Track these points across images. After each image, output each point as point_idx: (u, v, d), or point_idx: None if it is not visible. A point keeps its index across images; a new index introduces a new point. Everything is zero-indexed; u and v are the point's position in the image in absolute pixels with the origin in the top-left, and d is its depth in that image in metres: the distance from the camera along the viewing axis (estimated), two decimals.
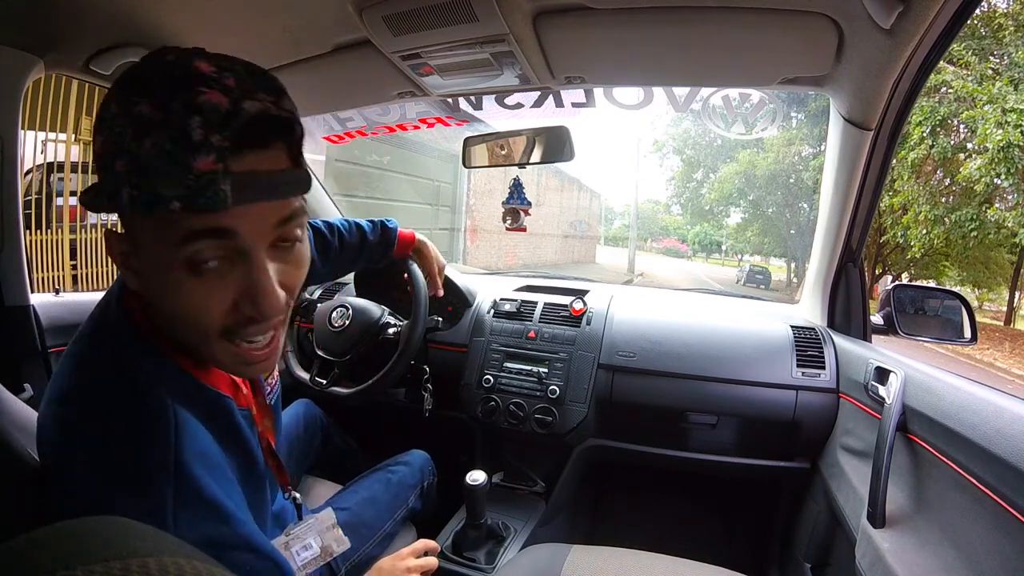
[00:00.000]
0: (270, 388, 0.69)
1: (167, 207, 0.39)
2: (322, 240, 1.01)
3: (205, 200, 0.39)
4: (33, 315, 0.93)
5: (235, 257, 0.44)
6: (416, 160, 7.54)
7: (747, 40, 0.77)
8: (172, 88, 0.40)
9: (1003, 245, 9.07)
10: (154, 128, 0.39)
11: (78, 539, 0.21)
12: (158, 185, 0.39)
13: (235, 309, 0.45)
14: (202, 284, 0.43)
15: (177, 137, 0.39)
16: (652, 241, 21.67)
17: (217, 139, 0.39)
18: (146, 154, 0.39)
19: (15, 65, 0.82)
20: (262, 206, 0.43)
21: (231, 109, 0.40)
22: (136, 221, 0.44)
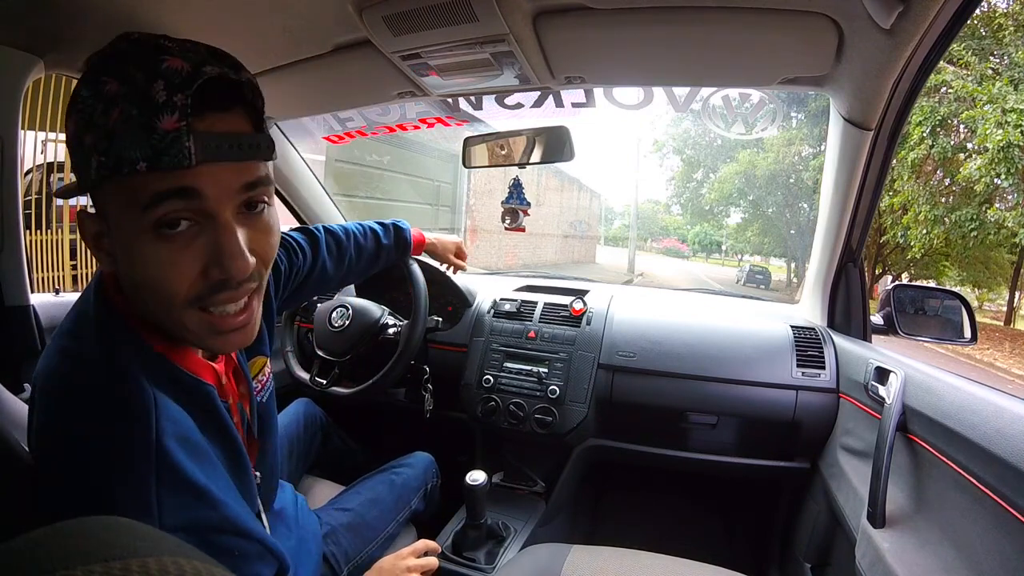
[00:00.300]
0: (260, 385, 0.68)
1: (134, 168, 0.41)
2: (337, 246, 0.99)
3: (170, 158, 0.41)
4: (33, 315, 0.93)
5: (202, 220, 0.45)
6: (416, 160, 7.54)
7: (747, 40, 0.77)
8: (136, 62, 0.42)
9: (1003, 245, 9.07)
10: (120, 98, 0.41)
11: (78, 539, 0.21)
12: (124, 148, 0.41)
13: (204, 275, 0.46)
14: (170, 249, 0.44)
15: (141, 101, 0.41)
16: (652, 241, 21.67)
17: (179, 98, 0.41)
18: (113, 123, 0.41)
19: (15, 65, 0.82)
20: (226, 168, 0.45)
21: (191, 71, 0.42)
22: (105, 194, 0.45)
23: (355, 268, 1.04)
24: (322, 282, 0.97)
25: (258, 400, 0.66)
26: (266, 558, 0.51)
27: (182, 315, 0.47)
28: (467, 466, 1.05)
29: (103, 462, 0.43)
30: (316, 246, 0.94)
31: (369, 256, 1.07)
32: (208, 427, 0.52)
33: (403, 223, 1.15)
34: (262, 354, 0.70)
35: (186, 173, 0.42)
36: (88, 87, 0.43)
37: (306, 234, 0.93)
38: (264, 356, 0.70)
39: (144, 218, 0.43)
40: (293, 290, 0.90)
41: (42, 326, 0.95)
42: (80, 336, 0.49)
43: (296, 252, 0.89)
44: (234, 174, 0.45)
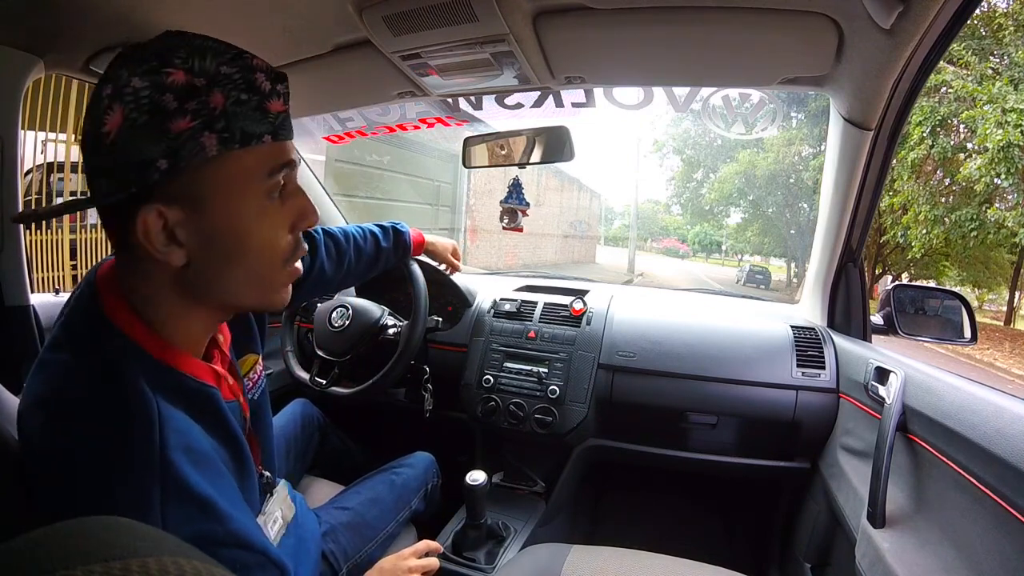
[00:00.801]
0: (252, 383, 0.68)
1: (260, 140, 0.48)
2: (336, 248, 0.99)
3: (285, 133, 0.51)
4: (33, 315, 0.93)
5: (289, 186, 0.54)
6: (416, 160, 7.54)
7: (747, 40, 0.77)
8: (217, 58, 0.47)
9: (1003, 245, 9.06)
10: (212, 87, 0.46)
11: (78, 539, 0.21)
12: (247, 125, 0.48)
13: (292, 230, 0.54)
14: (275, 210, 0.52)
15: (249, 88, 0.48)
16: (652, 241, 21.66)
17: (281, 87, 0.50)
18: (220, 105, 0.46)
19: (15, 65, 0.82)
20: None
21: (277, 71, 0.51)
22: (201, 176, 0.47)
23: (354, 271, 1.04)
24: (320, 284, 0.97)
25: (250, 397, 0.66)
26: (268, 568, 0.51)
27: (279, 274, 0.54)
28: (467, 466, 1.05)
29: (107, 477, 0.42)
30: (314, 248, 0.94)
31: (368, 259, 1.07)
32: (213, 430, 0.52)
33: (402, 225, 1.14)
34: (253, 352, 0.71)
35: (290, 146, 0.52)
36: (144, 78, 0.44)
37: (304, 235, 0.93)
38: (255, 354, 0.71)
39: (262, 184, 0.50)
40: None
41: (42, 326, 0.95)
42: (76, 347, 0.48)
43: None
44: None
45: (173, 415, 0.47)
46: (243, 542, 0.48)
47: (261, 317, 0.76)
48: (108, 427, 0.44)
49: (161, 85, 0.44)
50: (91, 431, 0.44)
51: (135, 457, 0.43)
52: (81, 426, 0.44)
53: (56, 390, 0.46)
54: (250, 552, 0.49)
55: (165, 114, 0.44)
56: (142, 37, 0.85)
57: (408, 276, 1.20)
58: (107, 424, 0.44)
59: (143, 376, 0.47)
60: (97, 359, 0.47)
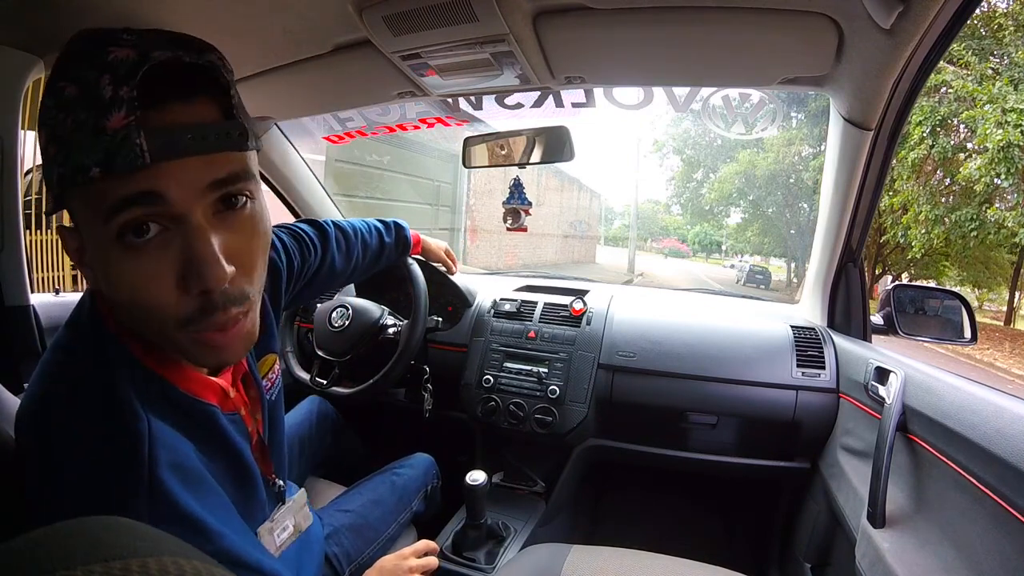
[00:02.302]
0: (270, 383, 0.67)
1: (87, 175, 0.38)
2: (346, 241, 0.98)
3: (122, 159, 0.37)
4: (33, 315, 0.93)
5: (172, 226, 0.41)
6: (416, 160, 7.54)
7: (747, 40, 0.77)
8: (88, 59, 0.39)
9: (1003, 245, 9.05)
10: (73, 103, 0.38)
11: (78, 539, 0.21)
12: (79, 155, 0.38)
13: (183, 288, 0.42)
14: (140, 261, 0.40)
15: (89, 102, 0.38)
16: (652, 241, 21.65)
17: (125, 91, 0.38)
18: (68, 130, 0.38)
19: (15, 65, 0.81)
20: (191, 164, 0.40)
21: (138, 59, 0.38)
22: (73, 206, 0.42)
23: (360, 265, 1.03)
24: (330, 278, 0.96)
25: (268, 399, 0.64)
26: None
27: (176, 336, 0.44)
28: (467, 466, 1.05)
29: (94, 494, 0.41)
30: (326, 240, 0.92)
31: (373, 253, 1.06)
32: (210, 447, 0.50)
33: (402, 222, 1.14)
34: (271, 351, 0.68)
35: (143, 175, 0.38)
36: (50, 96, 0.40)
37: (315, 227, 0.92)
38: (273, 353, 0.69)
39: (108, 228, 0.39)
40: (301, 288, 0.89)
41: (42, 326, 0.95)
42: (74, 355, 0.47)
43: (308, 246, 0.87)
44: (201, 170, 0.41)
45: (163, 431, 0.44)
46: (236, 560, 0.46)
47: (277, 313, 0.73)
48: (96, 441, 0.42)
49: (60, 102, 0.39)
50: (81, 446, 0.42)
51: (123, 479, 0.41)
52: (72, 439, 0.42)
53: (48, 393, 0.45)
54: (245, 570, 0.47)
55: (51, 136, 0.40)
56: None
57: (408, 276, 1.20)
58: (95, 438, 0.42)
59: (134, 388, 0.44)
60: (90, 365, 0.45)
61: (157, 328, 0.43)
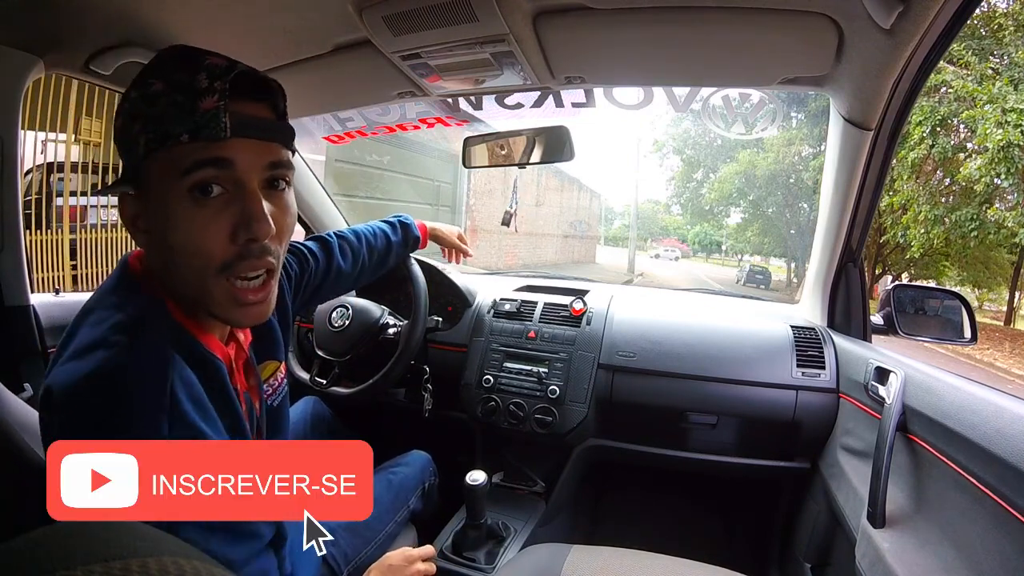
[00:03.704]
0: (272, 389, 0.68)
1: (177, 139, 0.48)
2: (351, 249, 0.99)
3: (209, 131, 0.48)
4: (33, 315, 0.93)
5: (232, 189, 0.51)
6: (416, 160, 7.54)
7: (747, 40, 0.77)
8: (182, 65, 0.50)
9: (1003, 245, 9.05)
10: (163, 93, 0.49)
11: (78, 539, 0.21)
12: (170, 125, 0.48)
13: (233, 240, 0.51)
14: (204, 212, 0.50)
15: (186, 90, 0.48)
16: (652, 241, 21.65)
17: (219, 84, 0.49)
18: (160, 110, 0.49)
19: (15, 65, 0.82)
20: (254, 144, 0.51)
21: (228, 65, 0.50)
22: (149, 167, 0.50)
23: (367, 269, 1.05)
24: (337, 285, 0.98)
25: (269, 403, 0.66)
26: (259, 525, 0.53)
27: (212, 283, 0.51)
28: (467, 466, 1.05)
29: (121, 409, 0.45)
30: (329, 251, 0.94)
31: (380, 256, 1.07)
32: (217, 400, 0.54)
33: (407, 218, 1.15)
34: (275, 359, 0.70)
35: (222, 145, 0.49)
36: (137, 89, 0.51)
37: (318, 241, 0.95)
38: (277, 361, 0.70)
39: (183, 183, 0.49)
40: (308, 296, 0.92)
41: (42, 326, 0.95)
42: (108, 305, 0.52)
43: (307, 258, 0.90)
44: (261, 152, 0.52)
45: (184, 369, 0.50)
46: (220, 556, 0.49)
47: (284, 323, 0.75)
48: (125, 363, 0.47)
49: (146, 95, 0.50)
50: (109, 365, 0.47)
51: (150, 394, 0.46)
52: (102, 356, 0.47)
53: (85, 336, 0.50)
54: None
55: (135, 116, 0.50)
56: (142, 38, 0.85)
57: (408, 276, 1.20)
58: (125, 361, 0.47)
59: (165, 331, 0.52)
60: (123, 313, 0.51)
61: (198, 274, 0.51)
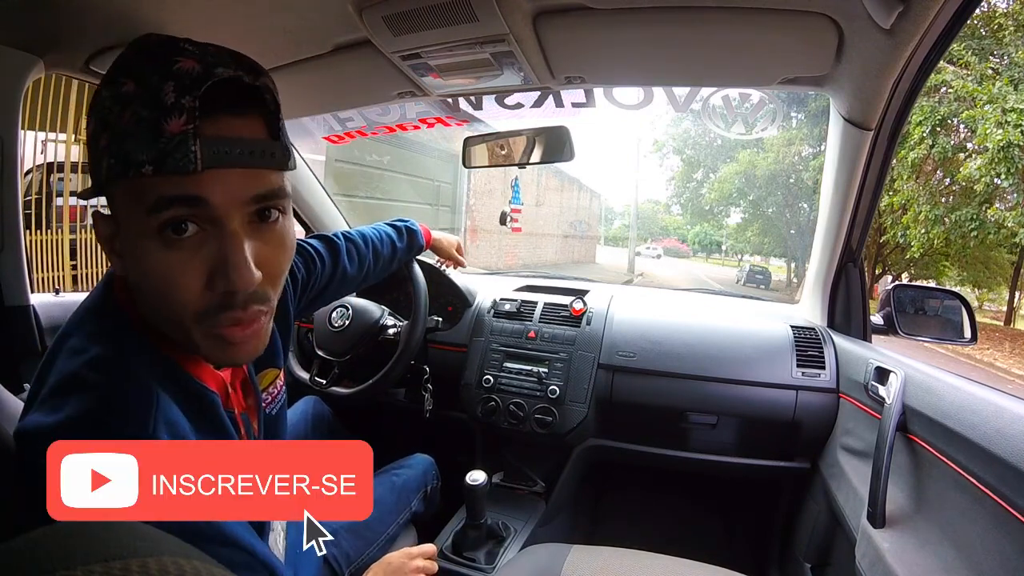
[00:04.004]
0: (271, 398, 0.67)
1: (139, 170, 0.40)
2: (357, 251, 0.99)
3: (175, 162, 0.40)
4: (33, 315, 0.93)
5: (209, 228, 0.44)
6: (416, 160, 7.54)
7: (747, 40, 0.77)
8: (153, 63, 0.42)
9: (1003, 245, 9.06)
10: (133, 100, 0.41)
11: (78, 539, 0.21)
12: (132, 149, 0.41)
13: (210, 286, 0.44)
14: (175, 255, 0.43)
15: (151, 103, 0.40)
16: (652, 241, 21.65)
17: (187, 100, 0.40)
18: (124, 124, 0.41)
19: (15, 65, 0.81)
20: (236, 175, 0.43)
21: (202, 72, 0.41)
22: (116, 195, 0.45)
23: (372, 272, 1.05)
24: (343, 286, 0.98)
25: (267, 412, 0.65)
26: (256, 569, 0.49)
27: (192, 329, 0.46)
28: (467, 466, 1.05)
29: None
30: (336, 253, 0.94)
31: (386, 259, 1.07)
32: (209, 435, 0.51)
33: (413, 223, 1.15)
34: (274, 366, 0.69)
35: (193, 179, 0.41)
36: (108, 88, 0.43)
37: (325, 241, 0.94)
38: (276, 368, 0.69)
39: (150, 222, 0.42)
40: (312, 298, 0.90)
41: (42, 326, 0.95)
42: (87, 333, 0.48)
43: (314, 260, 0.88)
44: (244, 182, 0.44)
45: (169, 408, 0.46)
46: (228, 539, 0.46)
47: (286, 329, 0.74)
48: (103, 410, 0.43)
49: (117, 96, 0.42)
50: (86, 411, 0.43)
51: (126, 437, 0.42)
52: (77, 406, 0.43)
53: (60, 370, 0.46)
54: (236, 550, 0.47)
55: (104, 125, 0.43)
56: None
57: (408, 276, 1.20)
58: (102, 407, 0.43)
59: (147, 365, 0.47)
60: (106, 345, 0.46)
61: (176, 318, 0.46)
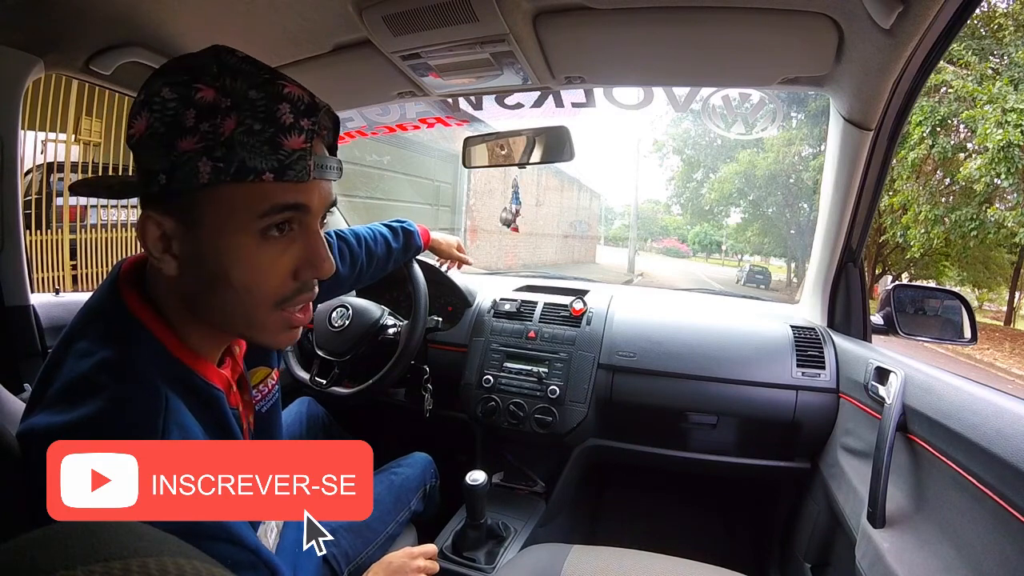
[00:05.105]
0: (261, 395, 0.68)
1: (259, 177, 0.45)
2: (350, 251, 0.99)
3: (295, 173, 0.47)
4: (33, 315, 0.93)
5: (297, 228, 0.50)
6: (416, 160, 7.54)
7: (747, 40, 0.77)
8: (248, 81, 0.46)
9: (1003, 245, 9.07)
10: (230, 111, 0.45)
11: (78, 539, 0.21)
12: (249, 158, 0.45)
13: (295, 276, 0.51)
14: (271, 249, 0.49)
15: (265, 119, 0.45)
16: (652, 241, 21.65)
17: (306, 123, 0.47)
18: (226, 132, 0.45)
19: (15, 65, 0.81)
20: (326, 187, 0.51)
21: (311, 101, 0.48)
22: (206, 197, 0.47)
23: (366, 272, 1.05)
24: (332, 287, 0.98)
25: (258, 409, 0.66)
26: (259, 568, 0.49)
27: (266, 315, 0.51)
28: (467, 466, 1.05)
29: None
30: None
31: (380, 259, 1.07)
32: (215, 433, 0.52)
33: (410, 224, 1.15)
34: (266, 365, 0.70)
35: (303, 187, 0.48)
36: (173, 89, 0.45)
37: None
38: (267, 367, 0.70)
39: (256, 223, 0.47)
40: None
41: (42, 326, 0.95)
42: (95, 336, 0.49)
43: None
44: (327, 192, 0.52)
45: (179, 409, 0.47)
46: (233, 538, 0.47)
47: None
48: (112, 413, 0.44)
49: (188, 100, 0.45)
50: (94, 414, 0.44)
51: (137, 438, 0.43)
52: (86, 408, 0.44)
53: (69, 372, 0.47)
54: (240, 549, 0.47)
55: (180, 130, 0.45)
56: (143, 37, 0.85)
57: (408, 276, 1.20)
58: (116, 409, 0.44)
59: (157, 367, 0.48)
60: (116, 347, 0.47)
61: (252, 307, 0.50)
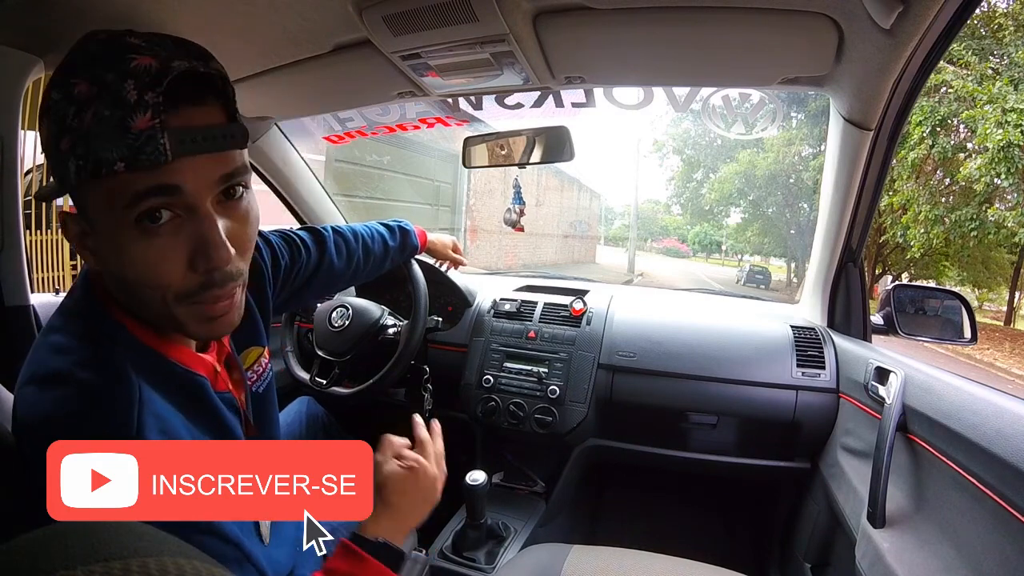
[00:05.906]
0: (256, 376, 0.67)
1: (112, 168, 0.42)
2: (346, 246, 0.99)
3: (146, 156, 0.42)
4: (33, 315, 0.93)
5: (184, 214, 0.46)
6: (416, 160, 7.54)
7: (747, 40, 0.77)
8: (105, 62, 0.43)
9: (1003, 245, 9.07)
10: (92, 101, 0.42)
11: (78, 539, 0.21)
12: (100, 149, 0.42)
13: (190, 268, 0.47)
14: (154, 242, 0.45)
15: (113, 102, 0.41)
16: (652, 241, 21.65)
17: (151, 96, 0.42)
18: (87, 125, 0.42)
19: (15, 65, 0.81)
20: (204, 160, 0.46)
21: (160, 68, 0.43)
22: (86, 195, 0.46)
23: (362, 270, 1.04)
24: (328, 282, 0.97)
25: (254, 390, 0.66)
26: (245, 566, 0.49)
27: (175, 309, 0.48)
28: (467, 466, 1.05)
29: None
30: (323, 245, 0.93)
31: (376, 258, 1.07)
32: (201, 419, 0.52)
33: (408, 224, 1.14)
34: (257, 344, 0.70)
35: (164, 169, 0.43)
36: (58, 90, 0.43)
37: (312, 233, 0.94)
38: (259, 347, 0.70)
39: (126, 215, 0.44)
40: (297, 288, 0.90)
41: (42, 326, 0.95)
42: (68, 331, 0.49)
43: (300, 249, 0.89)
44: (212, 166, 0.46)
45: (154, 400, 0.47)
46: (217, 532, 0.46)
47: (264, 311, 0.74)
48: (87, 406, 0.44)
49: (70, 97, 0.42)
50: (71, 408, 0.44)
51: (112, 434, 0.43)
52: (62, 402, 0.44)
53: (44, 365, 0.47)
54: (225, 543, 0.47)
55: (61, 128, 0.43)
56: None
57: (408, 276, 1.20)
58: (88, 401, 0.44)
59: (129, 360, 0.48)
60: (87, 340, 0.48)
61: (159, 302, 0.48)
